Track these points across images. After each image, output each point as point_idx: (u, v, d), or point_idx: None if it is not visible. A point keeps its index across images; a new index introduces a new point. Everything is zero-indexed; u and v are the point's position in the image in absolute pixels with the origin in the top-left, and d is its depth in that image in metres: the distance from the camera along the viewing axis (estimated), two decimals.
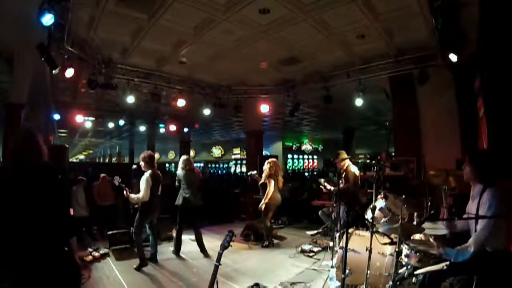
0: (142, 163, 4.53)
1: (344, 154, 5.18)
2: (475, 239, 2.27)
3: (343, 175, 5.02)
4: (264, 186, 5.63)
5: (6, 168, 1.88)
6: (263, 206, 5.51)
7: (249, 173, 6.57)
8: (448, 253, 2.33)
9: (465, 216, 2.64)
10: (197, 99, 8.54)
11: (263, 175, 5.69)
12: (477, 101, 5.48)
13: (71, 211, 2.08)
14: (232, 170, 21.52)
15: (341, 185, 4.95)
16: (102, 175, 6.86)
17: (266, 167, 5.70)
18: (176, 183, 5.27)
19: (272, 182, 5.53)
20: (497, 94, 4.32)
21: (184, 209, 5.09)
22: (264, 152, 13.35)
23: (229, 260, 4.77)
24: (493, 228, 2.23)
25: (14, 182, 1.78)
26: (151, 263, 4.59)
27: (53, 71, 4.99)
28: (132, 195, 4.42)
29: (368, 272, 2.77)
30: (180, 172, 5.24)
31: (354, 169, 5.04)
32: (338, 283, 3.38)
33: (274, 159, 5.92)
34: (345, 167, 5.03)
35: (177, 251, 5.13)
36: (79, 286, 1.89)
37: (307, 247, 5.26)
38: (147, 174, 4.40)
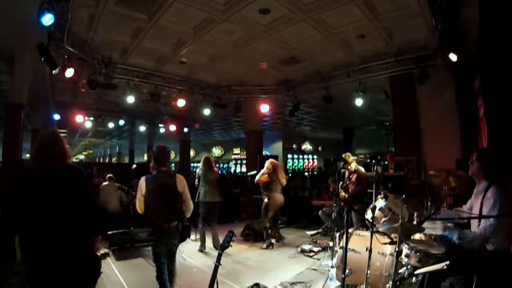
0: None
1: (350, 157, 5.16)
2: (482, 232, 2.27)
3: (353, 177, 4.96)
4: (267, 184, 5.61)
5: (32, 168, 1.91)
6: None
7: (249, 173, 6.56)
8: (450, 232, 2.36)
9: (467, 209, 2.66)
10: (197, 99, 8.55)
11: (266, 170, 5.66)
12: (477, 101, 5.49)
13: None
14: (232, 170, 21.50)
15: (350, 187, 4.93)
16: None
17: (265, 167, 5.69)
18: (196, 182, 5.43)
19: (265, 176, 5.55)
20: (497, 94, 4.33)
21: (202, 206, 5.27)
22: (264, 152, 13.35)
23: (229, 260, 4.77)
24: (497, 224, 2.23)
25: (42, 182, 1.83)
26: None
27: (53, 71, 4.99)
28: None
29: (368, 272, 2.77)
30: (199, 170, 5.47)
31: (362, 169, 5.08)
32: (338, 283, 3.38)
33: (273, 160, 5.89)
34: (353, 169, 5.01)
35: (202, 248, 5.32)
36: (97, 278, 1.96)
37: (307, 247, 5.26)
38: (142, 177, 3.10)
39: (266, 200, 5.58)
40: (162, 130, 13.88)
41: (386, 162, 6.34)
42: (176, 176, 3.14)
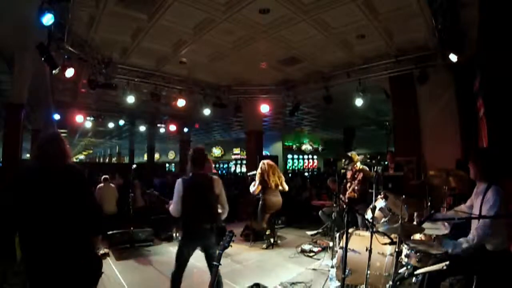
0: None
1: (356, 156, 5.08)
2: (478, 232, 2.27)
3: (359, 176, 4.87)
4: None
5: (33, 168, 1.91)
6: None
7: (249, 173, 6.56)
8: (445, 243, 2.36)
9: (466, 209, 2.66)
10: (197, 99, 8.55)
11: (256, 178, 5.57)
12: (477, 101, 5.49)
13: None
14: (232, 170, 21.51)
15: (354, 187, 4.89)
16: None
17: (257, 171, 5.57)
18: None
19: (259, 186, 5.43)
20: (497, 94, 4.33)
21: None
22: (264, 152, 13.35)
23: (229, 260, 4.77)
24: (495, 224, 2.23)
25: (41, 182, 1.85)
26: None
27: (53, 71, 5.00)
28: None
29: (368, 272, 2.77)
30: None
31: (367, 168, 5.03)
32: (338, 283, 3.38)
33: (267, 161, 5.70)
34: (359, 168, 4.95)
35: None
36: (98, 278, 1.98)
37: (307, 247, 5.25)
38: (179, 180, 3.01)
39: (260, 202, 5.56)
40: (162, 130, 13.89)
41: (386, 162, 6.34)
42: (213, 178, 3.08)
